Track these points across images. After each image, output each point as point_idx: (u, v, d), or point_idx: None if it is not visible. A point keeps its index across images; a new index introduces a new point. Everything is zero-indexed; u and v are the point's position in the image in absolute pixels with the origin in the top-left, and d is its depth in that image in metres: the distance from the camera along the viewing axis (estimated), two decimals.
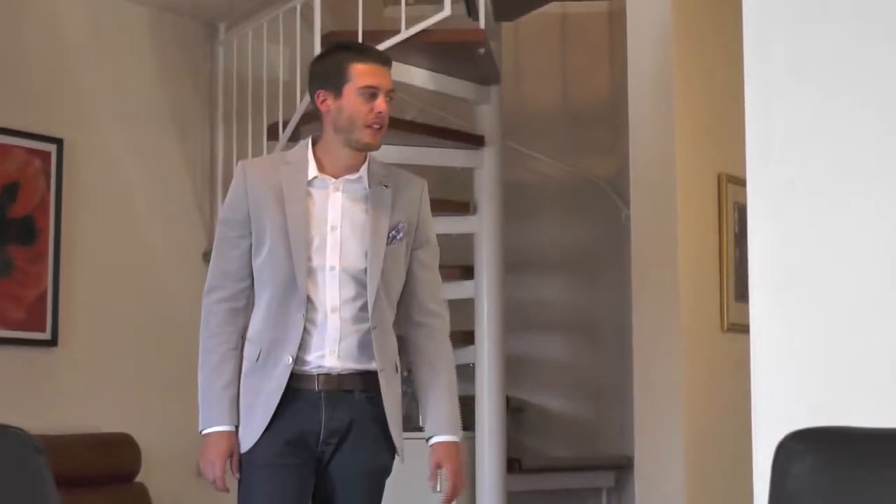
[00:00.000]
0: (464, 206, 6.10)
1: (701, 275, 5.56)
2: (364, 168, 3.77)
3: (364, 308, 3.70)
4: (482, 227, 6.06)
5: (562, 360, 7.08)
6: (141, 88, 6.23)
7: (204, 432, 3.72)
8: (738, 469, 3.45)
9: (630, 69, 5.68)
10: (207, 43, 6.54)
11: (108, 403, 5.94)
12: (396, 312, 3.83)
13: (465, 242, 6.14)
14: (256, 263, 3.72)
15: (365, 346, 3.70)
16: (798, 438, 2.21)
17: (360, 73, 3.73)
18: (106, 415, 5.89)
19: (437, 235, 6.24)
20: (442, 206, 6.12)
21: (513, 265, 6.37)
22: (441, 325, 3.88)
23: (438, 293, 3.91)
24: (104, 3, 6.09)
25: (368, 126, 3.71)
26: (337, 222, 3.71)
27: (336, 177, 3.75)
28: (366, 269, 3.70)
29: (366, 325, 3.69)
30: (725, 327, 5.59)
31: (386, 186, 3.78)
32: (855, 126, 2.89)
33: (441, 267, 3.88)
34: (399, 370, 3.80)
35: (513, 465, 6.22)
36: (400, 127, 5.96)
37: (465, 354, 6.14)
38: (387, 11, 6.67)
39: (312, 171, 3.74)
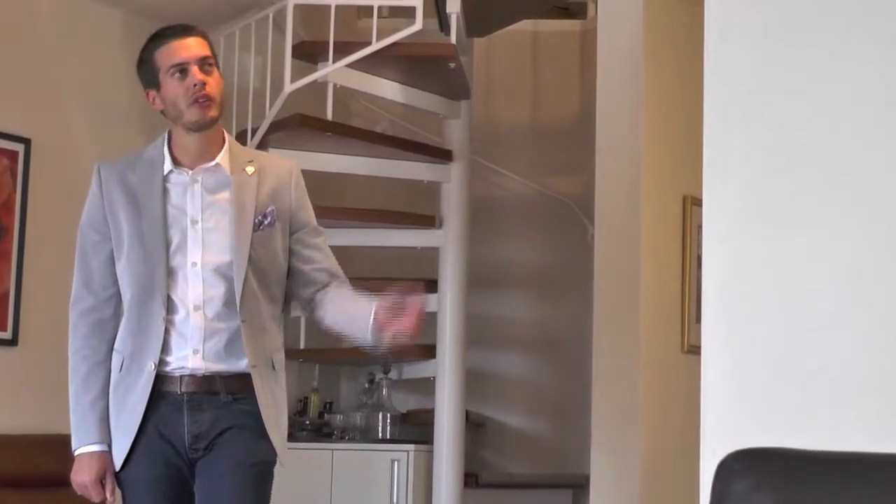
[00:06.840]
0: (429, 220, 6.12)
1: (663, 296, 5.59)
2: (223, 155, 3.54)
3: (232, 303, 3.46)
4: (447, 242, 6.08)
5: (523, 377, 7.09)
6: (111, 90, 6.21)
7: (76, 452, 3.57)
8: (692, 489, 3.47)
9: (599, 89, 5.71)
10: None
11: (67, 405, 5.90)
12: (295, 297, 3.62)
13: (430, 256, 6.16)
14: (118, 269, 3.52)
15: (234, 344, 3.46)
16: (738, 458, 2.23)
17: (164, 55, 3.50)
18: (64, 416, 5.82)
19: (402, 248, 6.25)
20: (408, 219, 6.16)
21: (477, 280, 6.39)
22: (345, 280, 3.63)
23: (335, 266, 3.64)
24: (76, 4, 6.07)
25: (193, 103, 3.46)
26: (198, 216, 3.49)
27: (192, 168, 3.53)
28: (232, 262, 3.47)
29: (235, 322, 3.46)
30: (685, 349, 5.61)
31: (250, 172, 3.55)
32: (809, 152, 2.94)
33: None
34: (277, 368, 3.54)
35: (470, 480, 6.22)
36: (368, 139, 5.99)
37: (426, 368, 6.17)
38: (360, 23, 6.68)
39: (168, 165, 3.52)
